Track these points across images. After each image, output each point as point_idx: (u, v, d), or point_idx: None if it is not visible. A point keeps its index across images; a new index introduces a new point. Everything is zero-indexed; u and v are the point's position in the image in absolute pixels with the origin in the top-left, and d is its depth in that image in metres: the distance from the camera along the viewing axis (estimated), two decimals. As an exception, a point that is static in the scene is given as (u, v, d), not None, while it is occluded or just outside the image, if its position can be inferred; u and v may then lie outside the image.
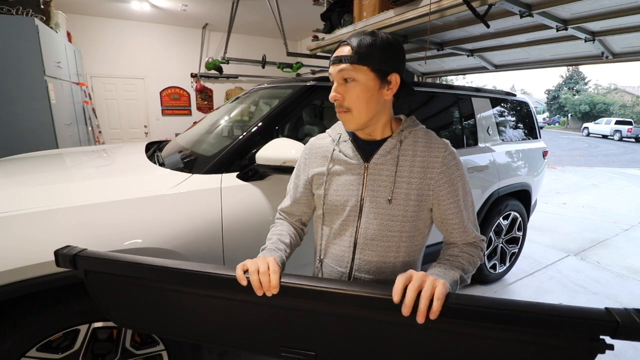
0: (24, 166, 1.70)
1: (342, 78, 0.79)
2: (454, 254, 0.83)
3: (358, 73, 0.77)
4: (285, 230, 0.95)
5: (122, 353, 1.24)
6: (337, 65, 0.79)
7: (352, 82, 0.78)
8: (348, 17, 3.52)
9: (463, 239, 0.86)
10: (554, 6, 2.22)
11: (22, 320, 1.07)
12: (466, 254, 0.83)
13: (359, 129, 0.85)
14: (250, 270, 0.69)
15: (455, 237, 0.86)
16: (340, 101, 0.80)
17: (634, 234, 4.01)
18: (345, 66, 0.77)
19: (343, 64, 0.77)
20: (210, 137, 1.92)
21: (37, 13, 3.22)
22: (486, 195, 2.35)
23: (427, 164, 0.82)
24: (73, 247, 0.81)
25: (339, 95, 0.80)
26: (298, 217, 1.00)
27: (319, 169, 0.91)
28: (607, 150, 14.31)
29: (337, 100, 0.81)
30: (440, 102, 2.21)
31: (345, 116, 0.82)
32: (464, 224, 0.85)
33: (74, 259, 0.76)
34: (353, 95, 0.79)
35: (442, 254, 0.87)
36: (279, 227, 0.97)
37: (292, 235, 0.95)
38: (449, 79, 19.11)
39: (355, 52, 0.76)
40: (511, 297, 2.53)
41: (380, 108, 0.82)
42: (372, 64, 0.77)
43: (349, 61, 0.77)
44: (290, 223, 1.00)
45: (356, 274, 0.87)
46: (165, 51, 6.26)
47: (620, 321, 0.54)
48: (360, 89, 0.78)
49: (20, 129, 2.97)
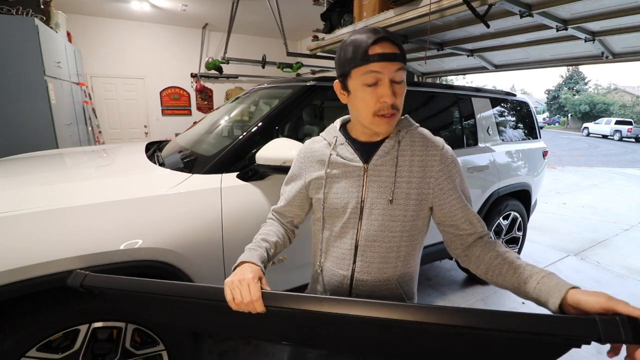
0: (24, 166, 1.70)
1: (394, 79, 0.75)
2: (516, 257, 0.76)
3: (404, 73, 0.76)
4: (273, 230, 0.94)
5: (122, 353, 1.24)
6: (393, 63, 0.73)
7: (401, 82, 0.76)
8: (348, 17, 3.52)
9: (472, 230, 0.83)
10: (554, 6, 2.22)
11: (22, 320, 1.07)
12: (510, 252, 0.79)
13: None
14: (236, 302, 0.68)
15: (464, 230, 0.83)
16: (393, 101, 0.75)
17: (634, 234, 4.01)
18: (400, 65, 0.74)
19: (398, 62, 0.74)
20: (210, 137, 1.92)
21: (37, 13, 3.22)
22: (486, 195, 2.35)
23: (425, 163, 0.82)
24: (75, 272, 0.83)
25: (394, 97, 0.75)
26: (290, 219, 1.00)
27: (316, 173, 0.90)
28: (607, 150, 14.31)
29: (390, 102, 0.75)
30: (440, 102, 2.21)
31: (392, 119, 0.78)
32: (469, 216, 0.83)
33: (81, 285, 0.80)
34: (401, 96, 0.77)
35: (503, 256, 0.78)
36: (268, 227, 0.97)
37: (280, 236, 0.95)
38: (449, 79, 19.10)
39: (400, 50, 0.74)
40: (511, 296, 2.53)
41: None
42: (405, 64, 0.77)
43: (402, 60, 0.74)
44: (281, 224, 1.00)
45: (357, 276, 0.86)
46: (165, 51, 6.26)
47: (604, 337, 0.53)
48: (404, 89, 0.78)
49: (20, 129, 2.97)
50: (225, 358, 1.83)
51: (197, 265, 1.29)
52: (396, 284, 0.87)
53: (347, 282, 0.87)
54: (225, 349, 1.89)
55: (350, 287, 0.87)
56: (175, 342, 1.31)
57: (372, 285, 0.86)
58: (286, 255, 1.50)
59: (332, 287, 0.90)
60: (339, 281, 0.88)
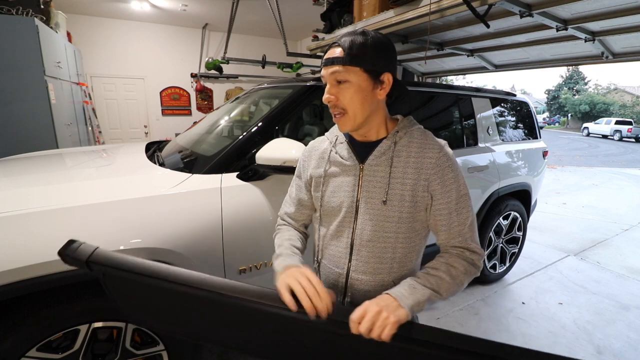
0: (23, 166, 1.70)
1: (335, 80, 0.78)
2: (435, 265, 0.81)
3: (350, 74, 0.77)
4: (294, 235, 0.95)
5: (122, 353, 1.24)
6: (329, 67, 0.78)
7: (345, 83, 0.78)
8: (348, 17, 3.52)
9: (447, 241, 0.84)
10: (554, 6, 2.22)
11: (22, 320, 1.07)
12: (448, 266, 0.80)
13: (354, 130, 0.84)
14: (299, 293, 0.67)
15: (441, 239, 0.85)
16: (334, 102, 0.79)
17: (634, 234, 4.01)
18: (338, 68, 0.76)
19: (335, 65, 0.77)
20: (210, 137, 1.92)
21: (37, 13, 3.22)
22: (486, 195, 2.35)
23: (420, 165, 0.82)
24: (79, 243, 0.72)
25: (333, 97, 0.79)
26: (302, 222, 1.00)
27: (316, 170, 0.92)
28: (607, 150, 14.31)
29: (330, 102, 0.80)
30: (440, 102, 2.21)
31: (341, 118, 0.81)
32: (451, 226, 0.82)
33: (87, 262, 0.69)
34: (347, 96, 0.78)
35: (430, 262, 0.85)
36: (286, 232, 0.96)
37: (300, 241, 0.95)
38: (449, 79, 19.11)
39: (347, 53, 0.76)
40: (511, 296, 2.54)
41: (374, 108, 0.82)
42: (364, 64, 0.76)
43: (341, 63, 0.76)
44: (296, 228, 1.00)
45: (353, 275, 0.87)
46: (165, 51, 6.26)
47: None
48: (353, 89, 0.78)
49: (20, 129, 2.97)
50: (225, 358, 1.83)
51: (197, 266, 1.29)
52: (392, 285, 0.86)
53: (343, 280, 0.89)
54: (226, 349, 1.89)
55: (345, 285, 0.89)
56: (175, 342, 1.31)
57: (367, 284, 0.86)
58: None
59: (329, 285, 0.92)
60: (335, 279, 0.90)
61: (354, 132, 0.87)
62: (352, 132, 0.87)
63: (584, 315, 2.34)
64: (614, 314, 2.36)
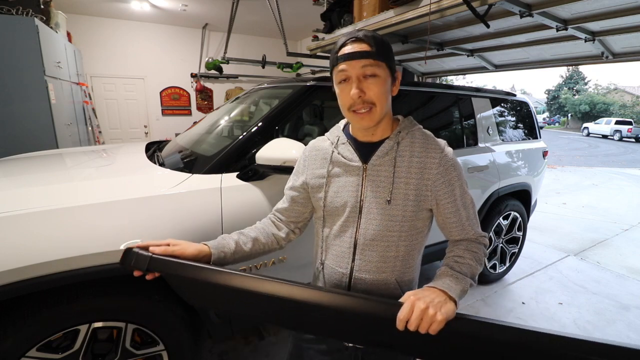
0: (23, 166, 1.70)
1: (364, 74, 0.78)
2: (459, 254, 0.83)
3: (380, 69, 0.78)
4: (259, 227, 0.97)
5: (122, 353, 1.24)
6: (359, 60, 0.77)
7: (374, 77, 0.78)
8: (348, 17, 3.52)
9: (462, 236, 0.87)
10: (554, 6, 2.22)
11: (22, 320, 1.07)
12: (471, 252, 0.84)
13: (373, 126, 0.84)
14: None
15: (455, 236, 0.88)
16: (364, 97, 0.78)
17: (634, 234, 4.01)
18: (369, 61, 0.77)
19: (365, 59, 0.77)
20: (210, 137, 1.92)
21: (37, 13, 3.22)
22: (486, 195, 2.35)
23: (424, 165, 0.83)
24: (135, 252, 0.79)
25: (362, 92, 0.78)
26: (294, 219, 1.00)
27: (319, 170, 0.92)
28: (607, 150, 14.32)
29: (360, 97, 0.78)
30: (440, 102, 2.21)
31: (368, 114, 0.79)
32: (462, 222, 0.86)
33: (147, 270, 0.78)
34: (376, 90, 0.78)
35: (447, 254, 0.87)
36: (257, 224, 0.99)
37: (264, 234, 0.95)
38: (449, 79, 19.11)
39: (376, 48, 0.77)
40: (511, 296, 2.54)
41: (389, 105, 0.84)
42: (387, 60, 0.80)
43: (372, 57, 0.77)
44: (275, 224, 1.00)
45: (356, 275, 0.87)
46: (165, 51, 6.26)
47: None
48: (381, 83, 0.79)
49: (20, 129, 2.97)
50: (225, 358, 1.83)
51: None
52: (395, 284, 0.87)
53: (346, 280, 0.88)
54: (226, 349, 1.89)
55: (349, 285, 0.89)
56: (175, 342, 1.31)
57: (371, 284, 0.86)
58: (286, 255, 1.50)
59: (332, 285, 0.91)
60: (338, 279, 0.90)
61: (364, 131, 0.86)
62: (362, 131, 0.87)
63: (584, 315, 2.34)
64: (614, 314, 2.36)
